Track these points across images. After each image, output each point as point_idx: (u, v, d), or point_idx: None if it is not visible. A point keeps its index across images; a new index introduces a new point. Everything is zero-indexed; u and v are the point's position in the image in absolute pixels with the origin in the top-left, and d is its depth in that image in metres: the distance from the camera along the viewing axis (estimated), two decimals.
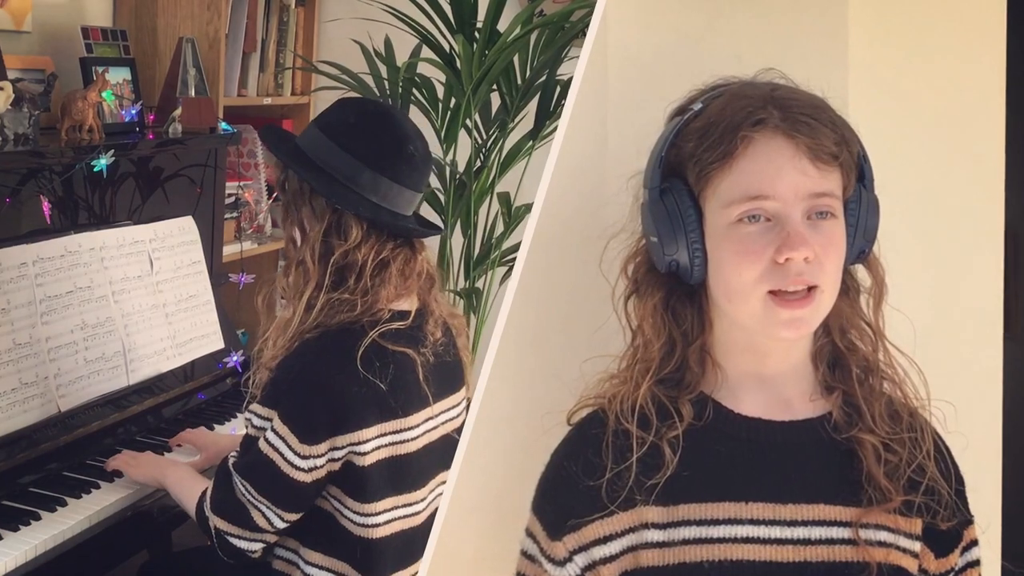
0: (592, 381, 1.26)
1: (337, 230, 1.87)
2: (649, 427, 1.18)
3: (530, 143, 3.15)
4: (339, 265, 1.86)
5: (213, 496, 1.90)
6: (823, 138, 1.14)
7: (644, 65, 1.45)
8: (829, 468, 1.20)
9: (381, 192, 1.88)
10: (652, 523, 1.17)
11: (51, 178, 2.36)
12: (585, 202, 1.45)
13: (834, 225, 1.16)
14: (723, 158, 1.15)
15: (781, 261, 1.13)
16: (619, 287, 1.27)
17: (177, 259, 2.64)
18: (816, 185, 1.14)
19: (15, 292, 2.18)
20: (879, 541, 1.18)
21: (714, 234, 1.18)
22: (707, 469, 1.18)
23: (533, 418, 1.43)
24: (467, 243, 3.17)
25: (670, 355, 1.22)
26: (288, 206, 1.93)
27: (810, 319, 1.16)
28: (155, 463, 2.18)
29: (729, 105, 1.17)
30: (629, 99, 1.45)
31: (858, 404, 1.21)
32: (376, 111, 1.99)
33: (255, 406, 1.87)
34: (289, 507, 1.86)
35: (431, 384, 1.91)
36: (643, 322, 1.23)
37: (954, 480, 1.23)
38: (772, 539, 1.16)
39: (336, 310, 1.85)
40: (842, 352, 1.23)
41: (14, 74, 2.53)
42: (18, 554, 1.92)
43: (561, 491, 1.21)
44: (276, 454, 1.82)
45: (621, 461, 1.17)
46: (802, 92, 1.20)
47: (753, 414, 1.21)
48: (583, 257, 1.42)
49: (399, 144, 1.90)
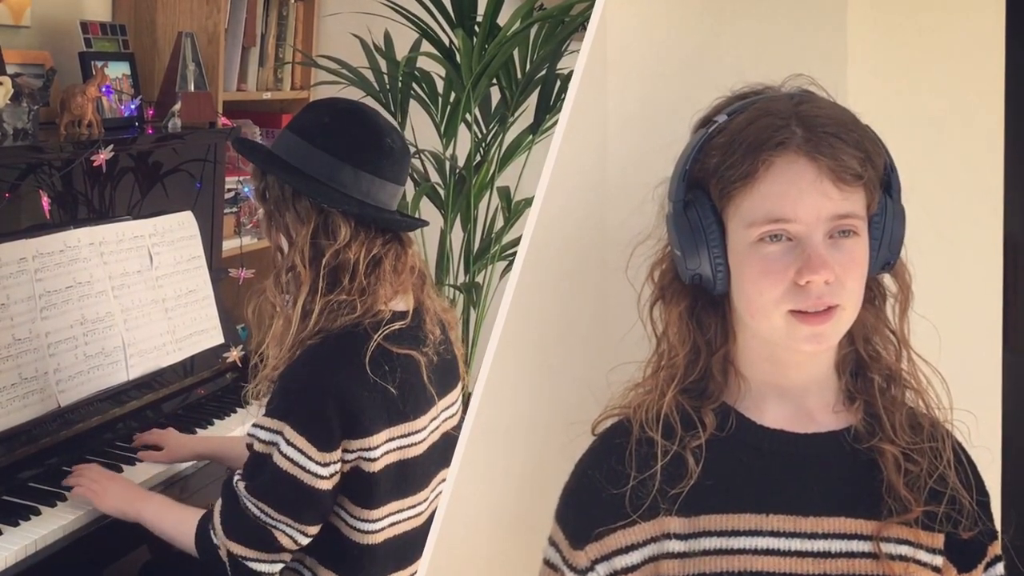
0: (617, 390, 1.26)
1: (325, 231, 1.83)
2: (673, 436, 1.18)
3: (530, 137, 3.15)
4: (331, 266, 1.82)
5: (225, 521, 1.83)
6: (847, 158, 1.13)
7: (644, 63, 1.45)
8: (851, 481, 1.19)
9: (364, 188, 1.85)
10: (673, 533, 1.17)
11: (50, 173, 2.36)
12: (585, 197, 1.45)
13: (856, 243, 1.16)
14: (744, 178, 1.15)
15: (802, 283, 1.13)
16: (645, 293, 1.27)
17: (177, 254, 2.63)
18: (838, 207, 1.14)
19: (14, 287, 2.18)
20: (900, 555, 1.18)
21: (736, 251, 1.17)
22: (729, 480, 1.18)
23: (533, 414, 1.43)
24: (467, 238, 3.17)
25: (694, 363, 1.22)
26: (271, 214, 1.89)
27: (830, 334, 1.16)
28: (124, 495, 2.04)
29: (753, 122, 1.16)
30: (629, 96, 1.45)
31: (879, 414, 1.21)
32: (348, 108, 1.97)
33: (261, 420, 1.81)
34: (312, 520, 1.82)
35: (434, 384, 1.90)
36: (668, 329, 1.24)
37: (976, 491, 1.23)
38: (792, 551, 1.16)
39: (336, 313, 1.82)
40: (865, 361, 1.23)
41: (13, 69, 2.52)
42: (18, 549, 1.91)
43: (584, 500, 1.21)
44: (297, 468, 1.77)
45: (645, 469, 1.18)
46: (828, 106, 1.18)
47: (775, 426, 1.21)
48: (583, 252, 1.42)
49: (376, 138, 1.88)
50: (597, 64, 1.43)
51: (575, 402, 1.34)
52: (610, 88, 1.45)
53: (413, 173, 3.21)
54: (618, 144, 1.45)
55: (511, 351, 1.38)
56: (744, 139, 1.15)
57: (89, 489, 2.04)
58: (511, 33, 2.97)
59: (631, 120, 1.44)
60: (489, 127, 3.16)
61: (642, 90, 1.44)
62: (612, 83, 1.45)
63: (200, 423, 2.50)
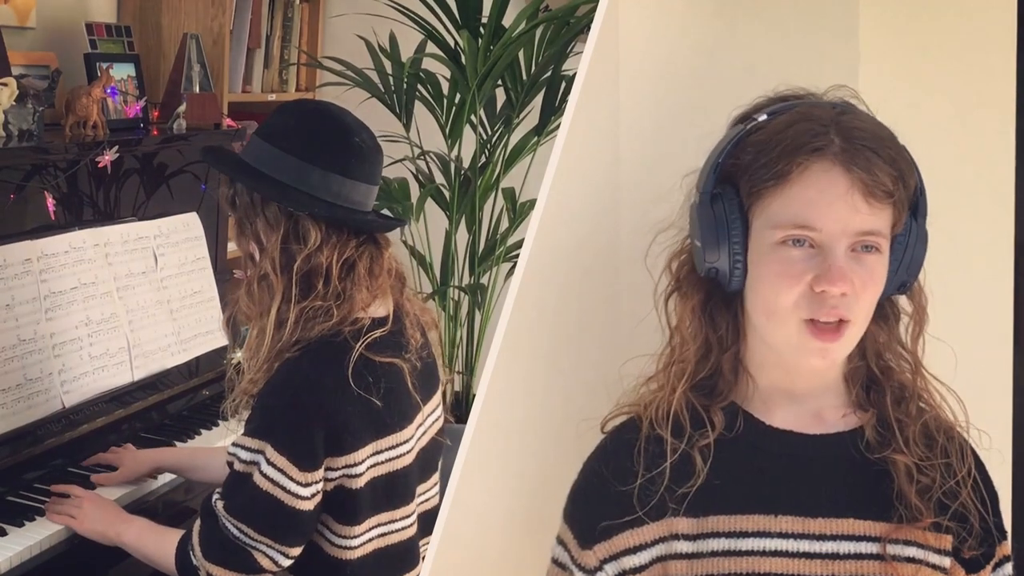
0: (628, 387, 1.26)
1: (295, 236, 1.78)
2: (682, 434, 1.18)
3: (535, 139, 3.15)
4: (303, 272, 1.77)
5: (204, 543, 1.78)
6: (880, 175, 1.13)
7: (656, 67, 1.44)
8: (859, 482, 1.19)
9: (334, 189, 1.79)
10: (682, 534, 1.17)
11: (55, 174, 2.36)
12: (596, 198, 1.45)
13: (877, 260, 1.15)
14: (777, 179, 1.14)
15: (817, 291, 1.12)
16: (661, 284, 1.27)
17: (181, 255, 2.63)
18: (865, 223, 1.13)
19: (19, 288, 2.18)
20: (908, 557, 1.17)
21: (757, 250, 1.17)
22: (737, 481, 1.18)
23: (542, 412, 1.42)
24: (472, 239, 3.17)
25: (705, 359, 1.21)
26: (241, 222, 1.84)
27: (838, 351, 1.16)
28: (104, 517, 1.98)
29: (793, 125, 1.16)
30: (641, 98, 1.45)
31: (892, 425, 1.20)
32: (314, 109, 1.93)
33: (241, 439, 1.76)
34: (293, 541, 1.77)
35: (418, 390, 1.86)
36: (681, 322, 1.23)
37: (989, 502, 1.23)
38: (801, 553, 1.16)
39: (312, 321, 1.77)
40: (876, 375, 1.23)
41: (18, 70, 2.52)
42: (22, 549, 1.91)
43: (592, 498, 1.21)
44: (278, 488, 1.73)
45: (653, 467, 1.17)
46: (869, 120, 1.18)
47: (784, 426, 1.20)
48: (586, 252, 1.42)
49: (343, 137, 1.82)
50: (609, 67, 1.43)
51: (585, 399, 1.34)
52: (622, 90, 1.45)
53: (418, 175, 3.22)
54: (631, 145, 1.45)
55: (520, 351, 1.38)
56: (781, 140, 1.15)
57: (68, 514, 2.00)
58: (516, 34, 2.97)
59: (643, 119, 1.44)
60: (494, 128, 3.16)
61: (654, 93, 1.44)
62: (624, 86, 1.45)
63: (205, 424, 2.50)
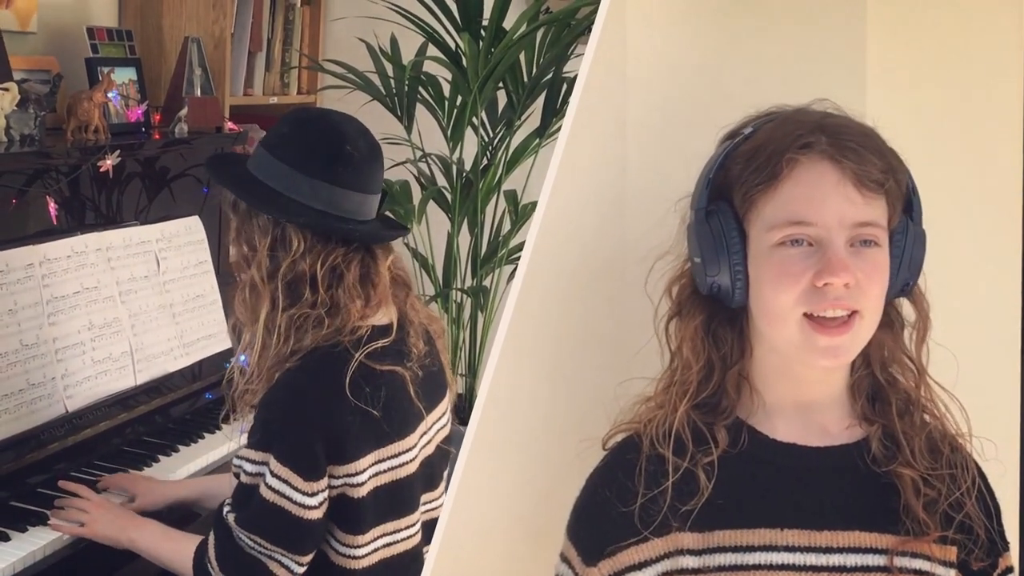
0: (627, 404, 1.25)
1: (281, 243, 1.79)
2: (684, 452, 1.18)
3: (537, 141, 3.15)
4: (288, 279, 1.78)
5: (219, 556, 1.79)
6: (870, 165, 1.13)
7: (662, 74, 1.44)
8: (865, 494, 1.19)
9: (324, 197, 1.80)
10: (687, 549, 1.16)
11: (57, 179, 2.36)
12: (600, 206, 1.44)
13: (878, 253, 1.16)
14: (768, 180, 1.15)
15: (820, 285, 1.12)
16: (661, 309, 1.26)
17: (184, 259, 2.64)
18: (860, 213, 1.14)
19: (22, 293, 2.18)
20: (915, 570, 1.17)
21: (756, 256, 1.17)
22: (742, 495, 1.18)
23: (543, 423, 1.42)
24: (474, 241, 3.17)
25: (708, 379, 1.21)
26: (239, 228, 1.87)
27: (848, 347, 1.16)
28: (115, 521, 2.00)
29: (778, 129, 1.17)
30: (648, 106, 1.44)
31: (897, 438, 1.20)
32: (310, 117, 1.94)
33: (246, 451, 1.78)
34: (304, 549, 1.78)
35: (422, 398, 1.86)
36: (683, 344, 1.23)
37: (994, 513, 1.23)
38: (807, 566, 1.16)
39: (302, 329, 1.78)
40: (882, 385, 1.22)
41: (20, 75, 2.52)
42: (26, 555, 1.92)
43: (595, 517, 1.21)
44: (283, 499, 1.74)
45: (654, 487, 1.17)
46: (853, 121, 1.19)
47: (788, 440, 1.20)
48: (589, 254, 1.42)
49: (335, 146, 1.82)
50: (611, 68, 1.42)
51: (588, 406, 1.33)
52: (630, 96, 1.44)
53: (420, 177, 3.22)
54: (637, 157, 1.45)
55: (522, 354, 1.37)
56: (769, 144, 1.16)
57: (75, 520, 2.00)
58: (517, 36, 2.97)
59: (649, 132, 1.44)
60: (496, 130, 3.17)
61: (661, 101, 1.44)
62: (632, 93, 1.44)
63: (208, 427, 2.50)
